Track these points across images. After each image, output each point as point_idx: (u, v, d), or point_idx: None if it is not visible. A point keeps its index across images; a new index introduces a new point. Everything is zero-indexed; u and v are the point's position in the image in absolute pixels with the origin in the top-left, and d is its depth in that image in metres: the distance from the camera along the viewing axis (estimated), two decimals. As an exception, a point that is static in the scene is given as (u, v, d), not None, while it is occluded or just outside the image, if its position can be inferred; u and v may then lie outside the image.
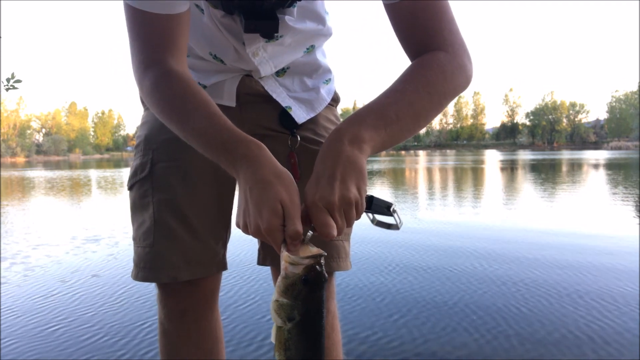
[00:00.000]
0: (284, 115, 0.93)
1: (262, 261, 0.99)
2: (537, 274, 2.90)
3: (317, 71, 0.96)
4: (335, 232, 0.58)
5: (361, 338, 1.98)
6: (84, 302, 2.54)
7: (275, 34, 0.79)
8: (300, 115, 0.93)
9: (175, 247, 0.89)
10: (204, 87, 0.91)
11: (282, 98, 0.92)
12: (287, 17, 0.80)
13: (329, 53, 1.03)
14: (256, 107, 0.94)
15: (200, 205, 0.91)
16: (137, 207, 0.94)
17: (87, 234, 4.69)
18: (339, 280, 2.71)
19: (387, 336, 1.99)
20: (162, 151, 0.91)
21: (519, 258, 3.32)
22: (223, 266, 0.97)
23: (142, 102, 0.99)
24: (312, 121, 0.96)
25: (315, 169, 0.62)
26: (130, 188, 0.95)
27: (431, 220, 5.18)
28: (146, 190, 0.91)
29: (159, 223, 0.89)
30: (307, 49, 0.91)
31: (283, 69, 0.92)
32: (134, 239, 0.94)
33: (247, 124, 0.90)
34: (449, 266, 3.13)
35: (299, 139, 0.92)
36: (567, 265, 3.10)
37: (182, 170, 0.90)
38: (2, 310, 2.40)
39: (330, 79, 1.00)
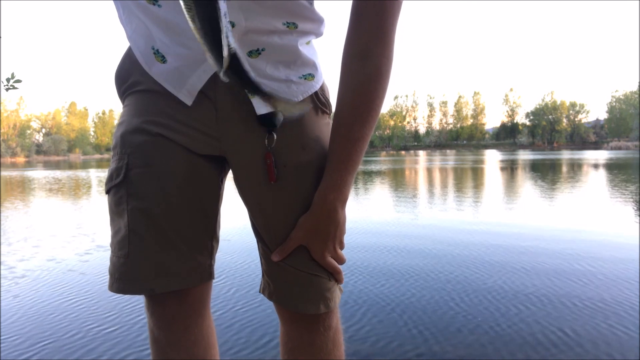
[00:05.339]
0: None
1: (269, 296, 0.92)
2: (536, 277, 2.90)
3: (295, 62, 0.85)
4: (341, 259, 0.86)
5: (361, 339, 1.97)
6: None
7: None
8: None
9: (151, 258, 0.84)
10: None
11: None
12: None
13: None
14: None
15: (178, 215, 0.86)
16: (113, 213, 0.89)
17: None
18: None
19: (387, 337, 1.98)
20: (137, 155, 0.85)
21: (523, 262, 3.31)
22: (208, 276, 0.92)
23: (121, 99, 0.91)
24: (299, 126, 0.87)
25: (320, 229, 0.82)
26: (107, 192, 0.90)
27: (430, 223, 5.16)
28: (121, 197, 0.86)
29: (133, 233, 0.84)
30: (288, 24, 0.81)
31: (257, 49, 0.81)
32: (110, 246, 0.90)
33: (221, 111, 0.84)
34: (446, 270, 3.12)
35: (275, 137, 0.84)
36: (565, 269, 3.09)
37: (157, 177, 0.84)
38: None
39: (311, 76, 0.88)
